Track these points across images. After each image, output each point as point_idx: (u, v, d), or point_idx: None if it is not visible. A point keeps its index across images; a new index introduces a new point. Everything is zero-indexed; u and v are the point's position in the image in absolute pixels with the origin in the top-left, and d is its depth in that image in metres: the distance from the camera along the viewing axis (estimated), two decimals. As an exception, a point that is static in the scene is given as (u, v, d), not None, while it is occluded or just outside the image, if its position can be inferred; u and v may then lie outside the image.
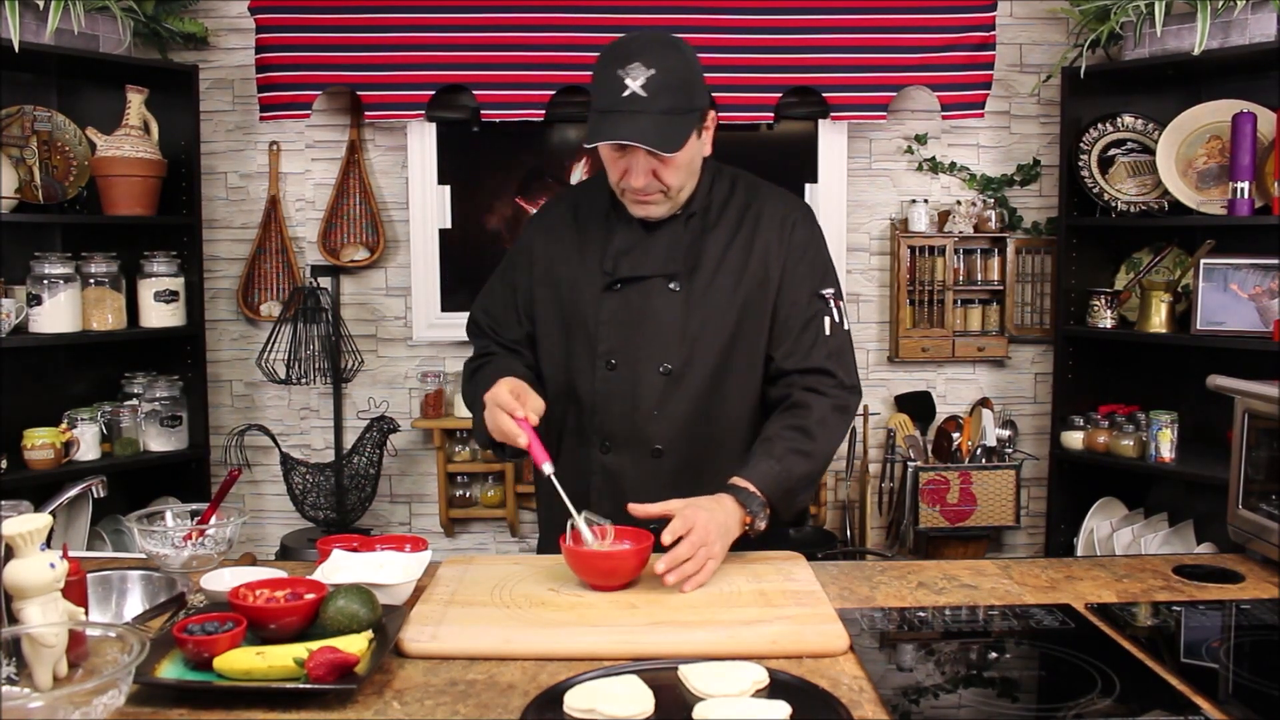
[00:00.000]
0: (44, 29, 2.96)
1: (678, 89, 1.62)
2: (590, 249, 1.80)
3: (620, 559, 1.55)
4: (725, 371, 1.77)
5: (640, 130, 1.60)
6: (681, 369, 1.75)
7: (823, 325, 1.78)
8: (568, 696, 1.18)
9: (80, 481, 1.64)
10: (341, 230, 3.66)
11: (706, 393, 1.76)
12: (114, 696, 1.08)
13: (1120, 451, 3.28)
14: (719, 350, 1.76)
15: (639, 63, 1.61)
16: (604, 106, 1.63)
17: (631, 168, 1.66)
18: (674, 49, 1.66)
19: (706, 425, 1.77)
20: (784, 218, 1.80)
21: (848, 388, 1.79)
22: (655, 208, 1.73)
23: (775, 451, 1.67)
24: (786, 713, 1.14)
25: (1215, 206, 3.12)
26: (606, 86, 1.62)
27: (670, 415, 1.75)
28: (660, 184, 1.68)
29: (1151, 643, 1.38)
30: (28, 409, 3.18)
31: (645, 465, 1.77)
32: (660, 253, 1.76)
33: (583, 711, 1.15)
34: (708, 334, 1.75)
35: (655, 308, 1.75)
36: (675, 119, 1.63)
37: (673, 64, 1.63)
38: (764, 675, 1.24)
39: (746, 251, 1.77)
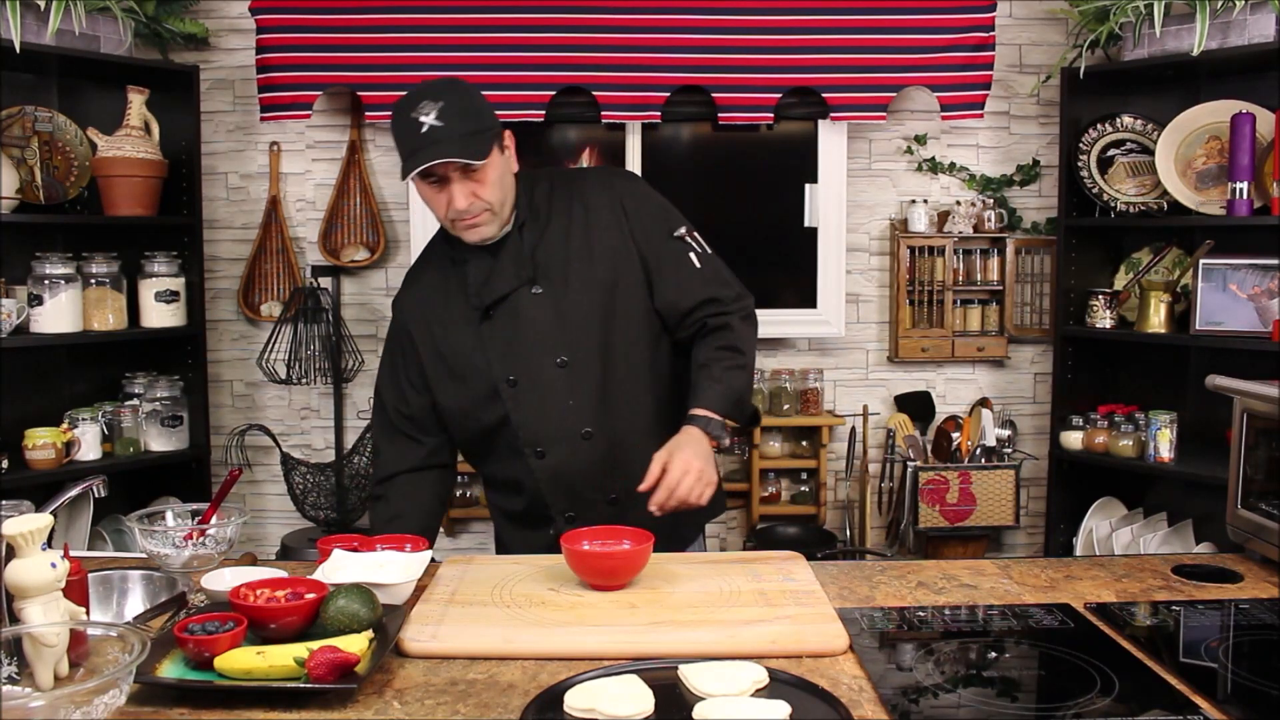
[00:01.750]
0: (45, 29, 2.96)
1: (467, 113, 1.76)
2: (453, 297, 1.91)
3: (620, 559, 1.55)
4: (612, 343, 1.87)
5: (446, 149, 1.73)
6: (573, 357, 1.86)
7: (690, 261, 1.91)
8: (568, 696, 1.18)
9: (81, 481, 1.64)
10: (342, 230, 3.66)
11: (603, 369, 1.87)
12: (115, 696, 1.08)
13: (1119, 451, 3.28)
14: (598, 329, 1.86)
15: (427, 100, 1.75)
16: (409, 147, 1.77)
17: (452, 194, 1.77)
18: (454, 86, 1.81)
19: (622, 399, 1.89)
20: (608, 194, 1.91)
21: (740, 297, 1.94)
22: (486, 228, 1.83)
23: (715, 374, 1.83)
24: (786, 712, 1.14)
25: (1214, 207, 3.12)
26: (405, 131, 1.77)
27: (581, 400, 1.86)
28: (482, 202, 1.79)
29: (1150, 642, 1.39)
30: (29, 409, 3.18)
31: (580, 450, 1.87)
32: (512, 267, 1.86)
33: (583, 711, 1.16)
34: (582, 318, 1.86)
35: (528, 315, 1.86)
36: (473, 137, 1.75)
37: (458, 95, 1.78)
38: (764, 675, 1.24)
39: (587, 236, 1.88)
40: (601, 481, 1.89)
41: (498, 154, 1.81)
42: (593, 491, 1.89)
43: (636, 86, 3.43)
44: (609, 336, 1.87)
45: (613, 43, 3.41)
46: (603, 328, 1.87)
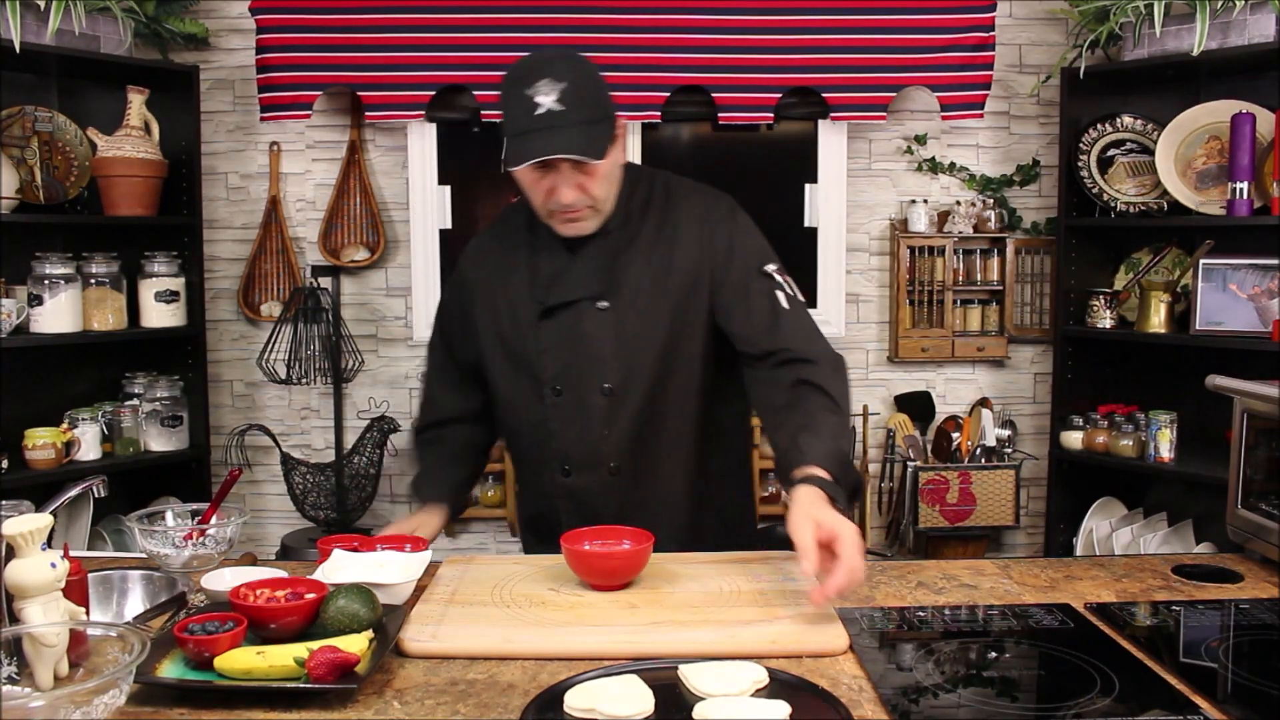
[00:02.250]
0: (45, 29, 2.96)
1: (590, 99, 1.61)
2: (519, 278, 1.81)
3: (621, 559, 1.55)
4: (664, 381, 1.77)
5: (565, 142, 1.58)
6: (621, 386, 1.76)
7: (777, 299, 1.74)
8: (568, 696, 1.18)
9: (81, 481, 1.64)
10: (342, 230, 3.66)
11: (647, 405, 1.77)
12: (115, 696, 1.08)
13: (1119, 451, 3.28)
14: (654, 362, 1.75)
15: (549, 78, 1.58)
16: (519, 129, 1.60)
17: (558, 185, 1.64)
18: (577, 62, 1.65)
19: (651, 437, 1.79)
20: (702, 224, 1.77)
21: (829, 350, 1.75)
22: (585, 223, 1.72)
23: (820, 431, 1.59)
24: (786, 712, 1.14)
25: (1214, 207, 3.12)
26: (518, 109, 1.60)
27: (618, 433, 1.77)
28: (588, 198, 1.67)
29: (1150, 642, 1.38)
30: (29, 409, 3.18)
31: (605, 483, 1.80)
32: (585, 274, 1.75)
33: (583, 711, 1.15)
34: (641, 348, 1.75)
35: (588, 330, 1.75)
36: (594, 128, 1.61)
37: (580, 76, 1.62)
38: (764, 675, 1.24)
39: (668, 260, 1.75)
40: (619, 516, 1.76)
41: (610, 147, 1.67)
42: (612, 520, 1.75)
43: (636, 86, 3.43)
44: (662, 374, 1.76)
45: (613, 43, 3.41)
46: (658, 363, 1.75)
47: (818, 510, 1.44)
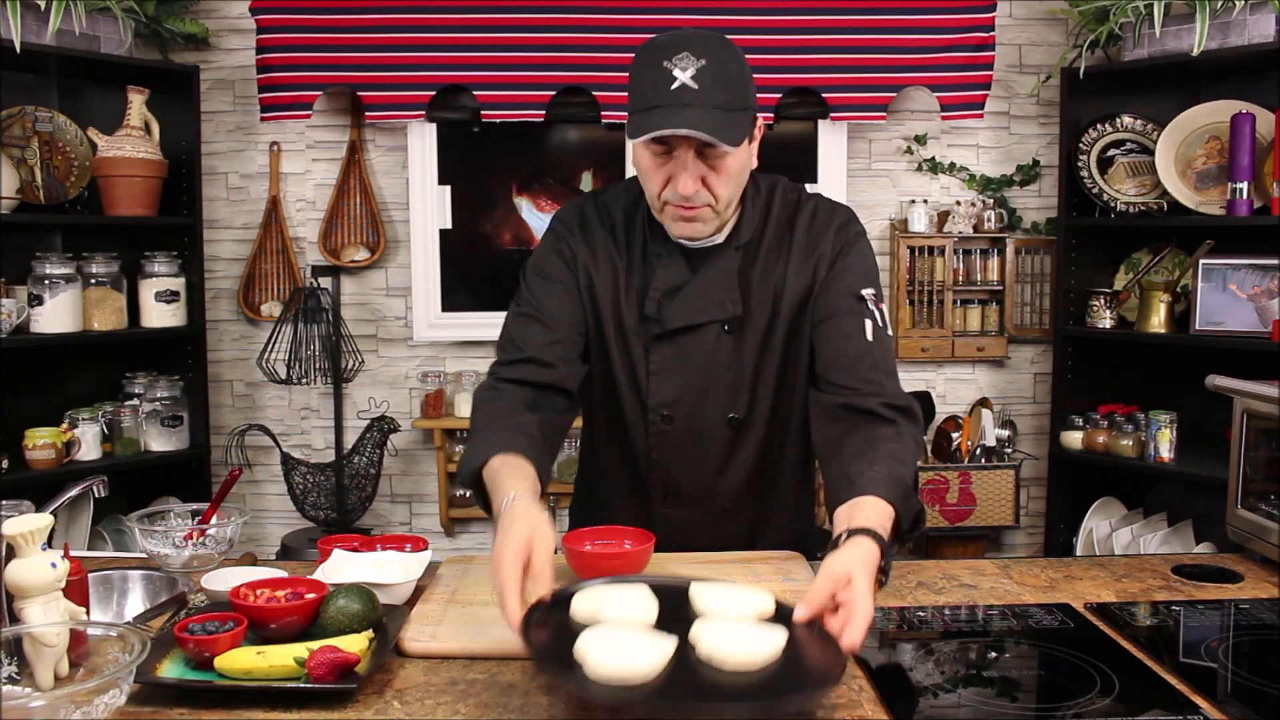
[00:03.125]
0: (45, 30, 2.96)
1: (732, 83, 1.45)
2: (633, 279, 1.61)
3: (621, 560, 1.55)
4: (781, 408, 1.65)
5: (695, 120, 1.40)
6: (746, 416, 1.63)
7: (863, 325, 1.57)
8: (575, 600, 1.21)
9: (81, 481, 1.64)
10: (342, 230, 3.67)
11: (770, 436, 1.66)
12: (115, 696, 1.08)
13: (1119, 451, 3.28)
14: (775, 389, 1.63)
15: (688, 53, 1.42)
16: (650, 102, 1.42)
17: (677, 173, 1.46)
18: (724, 44, 1.48)
19: (772, 469, 1.68)
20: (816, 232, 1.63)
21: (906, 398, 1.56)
22: (702, 225, 1.54)
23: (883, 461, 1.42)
24: (782, 639, 1.13)
25: (1214, 207, 3.12)
26: (652, 80, 1.42)
27: (739, 467, 1.66)
28: (709, 194, 1.49)
29: (1150, 642, 1.38)
30: (29, 409, 3.18)
31: (712, 518, 1.69)
32: (712, 294, 1.58)
33: (584, 615, 1.19)
34: (764, 374, 1.62)
35: (713, 355, 1.60)
36: (731, 115, 1.44)
37: (724, 56, 1.45)
38: (771, 605, 1.24)
39: (783, 276, 1.61)
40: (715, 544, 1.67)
41: (745, 142, 1.50)
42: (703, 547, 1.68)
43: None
44: (780, 400, 1.64)
45: (613, 43, 3.41)
46: (778, 390, 1.62)
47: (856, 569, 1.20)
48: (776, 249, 1.62)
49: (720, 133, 1.42)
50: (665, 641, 1.12)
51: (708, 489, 1.67)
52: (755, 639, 1.14)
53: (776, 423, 1.66)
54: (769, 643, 1.13)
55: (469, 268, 3.68)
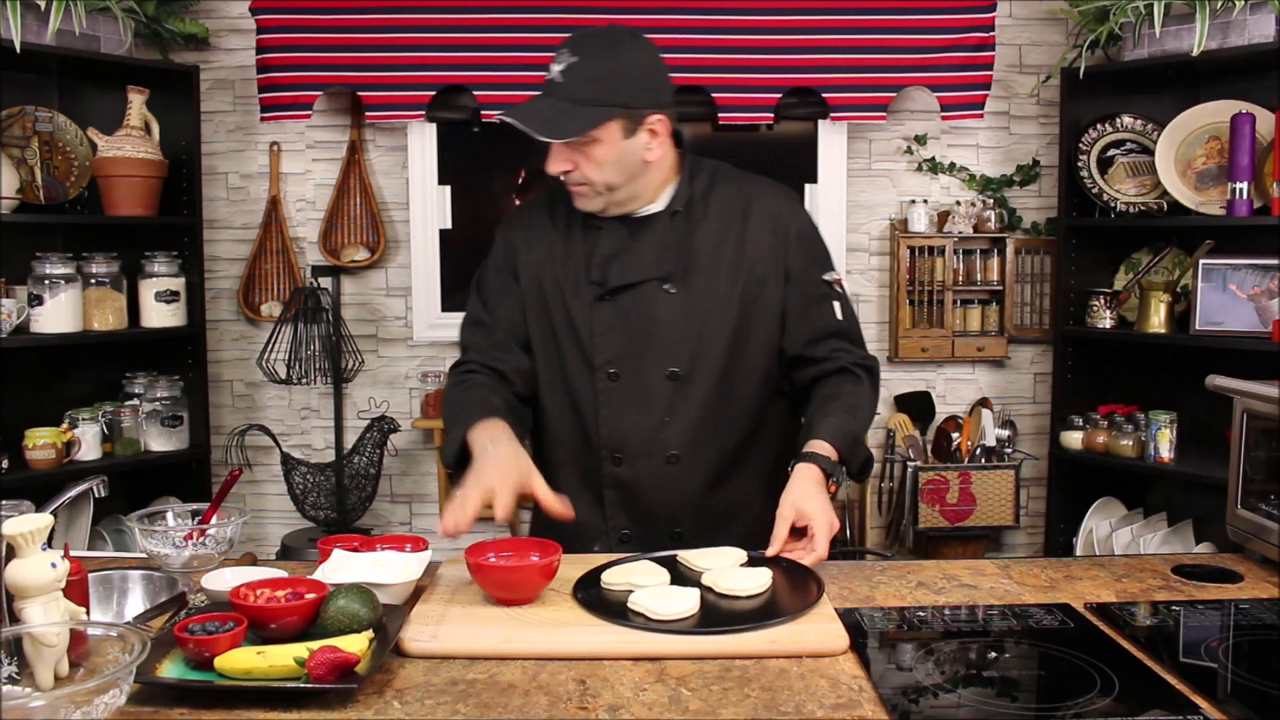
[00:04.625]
0: (45, 30, 2.96)
1: (598, 81, 1.60)
2: (574, 254, 1.76)
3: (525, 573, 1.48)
4: (733, 369, 1.74)
5: (528, 110, 1.60)
6: (689, 372, 1.72)
7: (834, 310, 1.77)
8: (604, 576, 1.53)
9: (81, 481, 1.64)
10: (342, 230, 3.67)
11: (716, 393, 1.73)
12: (115, 696, 1.08)
13: (1119, 451, 3.28)
14: (724, 348, 1.72)
15: (568, 49, 1.62)
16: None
17: (551, 154, 1.65)
18: (619, 43, 1.66)
19: (720, 425, 1.75)
20: (777, 210, 1.77)
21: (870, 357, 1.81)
22: (586, 200, 1.70)
23: (835, 409, 1.68)
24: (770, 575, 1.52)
25: (1214, 207, 3.12)
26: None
27: (682, 420, 1.72)
28: (582, 175, 1.65)
29: (1150, 642, 1.38)
30: (29, 409, 3.18)
31: (662, 473, 1.74)
32: (650, 254, 1.71)
33: (620, 586, 1.50)
34: (710, 333, 1.72)
35: (653, 312, 1.71)
36: (583, 109, 1.60)
37: (606, 55, 1.62)
38: (744, 555, 1.60)
39: (739, 245, 1.73)
40: (673, 512, 1.75)
41: (617, 135, 1.63)
42: (660, 518, 1.76)
43: (636, 86, 3.43)
44: (730, 360, 1.73)
45: (613, 43, 3.41)
46: (727, 350, 1.72)
47: (803, 498, 1.58)
48: (727, 218, 1.75)
49: (545, 124, 1.59)
50: (692, 590, 1.45)
51: (652, 443, 1.74)
52: (754, 575, 1.51)
53: (724, 378, 1.74)
54: (764, 575, 1.51)
55: (469, 268, 3.63)
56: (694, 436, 1.74)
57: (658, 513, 1.76)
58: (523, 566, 1.50)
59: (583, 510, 1.76)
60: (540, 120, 1.59)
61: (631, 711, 1.19)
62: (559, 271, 1.76)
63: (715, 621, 1.40)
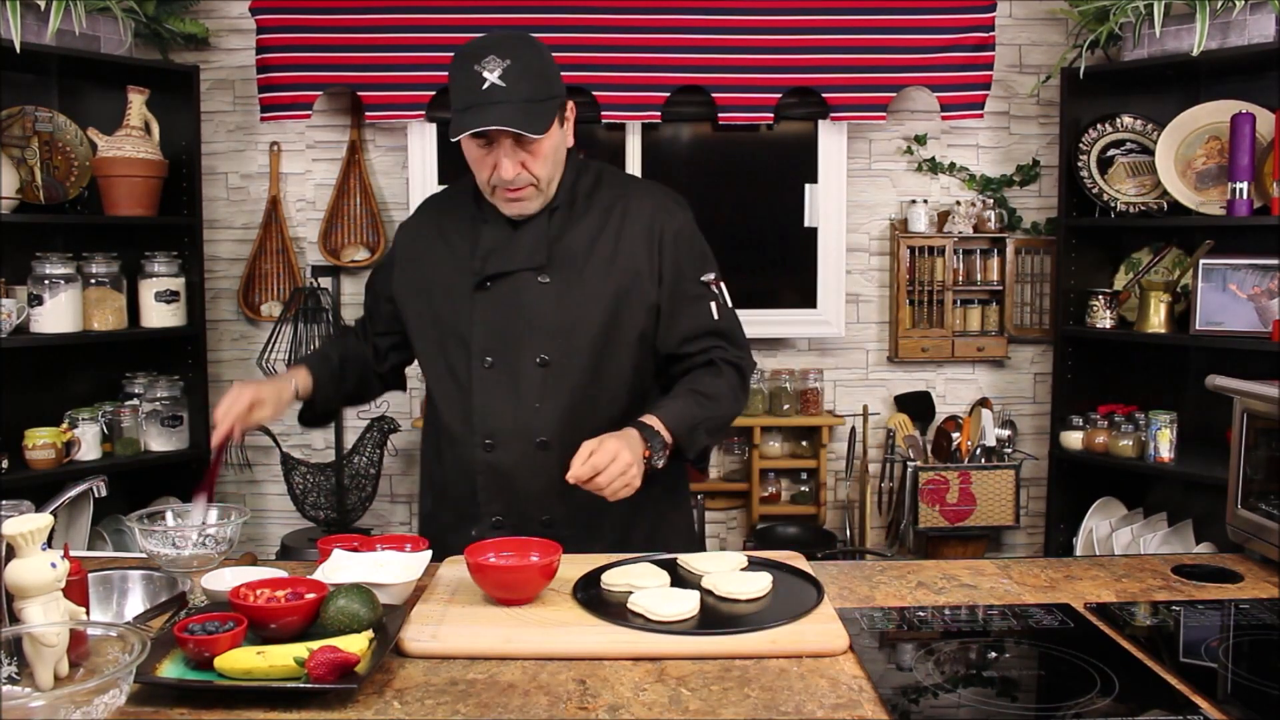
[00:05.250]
0: (45, 30, 2.96)
1: (535, 77, 1.67)
2: (458, 253, 1.83)
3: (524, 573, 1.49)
4: (603, 360, 1.79)
5: (504, 116, 1.63)
6: (559, 359, 1.77)
7: (709, 309, 1.83)
8: (604, 577, 1.55)
9: (81, 481, 1.64)
10: (342, 230, 3.67)
11: (586, 382, 1.78)
12: (115, 696, 1.08)
13: (1119, 451, 3.28)
14: (594, 339, 1.78)
15: (493, 56, 1.65)
16: (464, 102, 1.66)
17: (500, 160, 1.68)
18: (526, 43, 1.71)
19: (589, 414, 1.78)
20: (653, 211, 1.82)
21: (746, 356, 1.87)
22: (528, 203, 1.75)
23: (683, 394, 1.77)
24: (769, 579, 1.54)
25: (1214, 207, 3.12)
26: (464, 83, 1.66)
27: (552, 406, 1.77)
28: (530, 175, 1.71)
29: (1150, 642, 1.39)
30: (29, 409, 3.18)
31: (532, 459, 1.77)
32: (526, 246, 1.78)
33: (620, 587, 1.52)
34: (581, 324, 1.77)
35: (526, 301, 1.77)
36: (536, 105, 1.66)
37: (527, 55, 1.67)
38: (744, 559, 1.64)
39: (615, 243, 1.79)
40: (542, 498, 1.78)
41: (556, 126, 1.72)
42: (530, 505, 1.79)
43: (636, 86, 3.43)
44: (600, 351, 1.78)
45: (613, 43, 3.41)
46: (597, 341, 1.78)
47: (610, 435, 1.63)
48: (605, 217, 1.81)
49: (528, 124, 1.65)
50: (692, 592, 1.47)
51: (521, 429, 1.77)
52: (755, 579, 1.53)
53: (594, 368, 1.79)
54: (765, 579, 1.54)
55: (469, 268, 3.67)
56: (563, 423, 1.77)
57: (528, 499, 1.79)
58: (523, 566, 1.50)
59: (457, 497, 1.85)
60: (519, 120, 1.64)
61: (631, 711, 1.19)
62: (444, 270, 1.84)
63: (715, 623, 1.41)
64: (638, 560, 1.63)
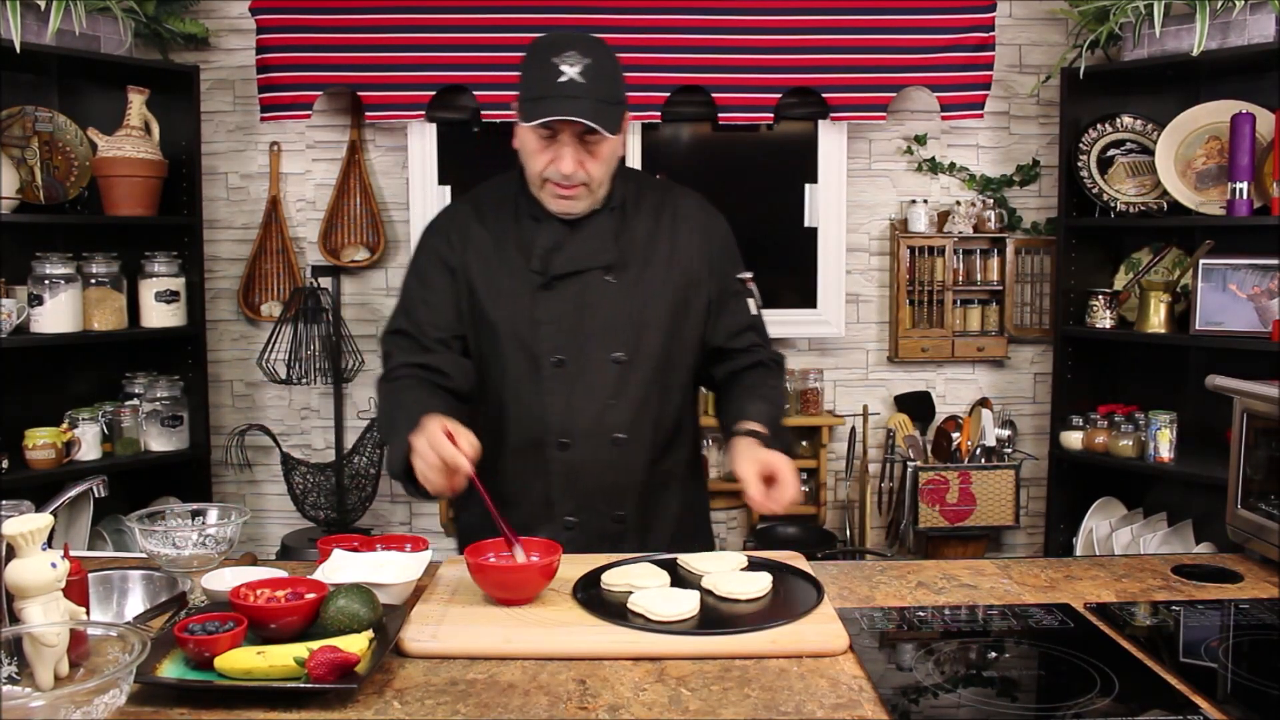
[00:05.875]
0: (45, 30, 2.96)
1: (610, 80, 1.70)
2: (506, 250, 1.80)
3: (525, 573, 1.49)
4: (670, 355, 1.83)
5: (580, 109, 1.64)
6: (632, 356, 1.79)
7: (748, 306, 1.91)
8: (604, 577, 1.55)
9: (81, 481, 1.64)
10: (342, 230, 3.67)
11: (656, 378, 1.81)
12: (115, 696, 1.08)
13: (1119, 451, 3.28)
14: (663, 335, 1.81)
15: (574, 52, 1.67)
16: (540, 92, 1.67)
17: (561, 154, 1.69)
18: (602, 46, 1.73)
19: (659, 409, 1.83)
20: (699, 212, 1.89)
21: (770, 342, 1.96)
22: (577, 202, 1.75)
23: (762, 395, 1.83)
24: (769, 579, 1.54)
25: (1214, 207, 3.12)
26: (540, 74, 1.67)
27: (626, 403, 1.79)
28: (586, 174, 1.71)
29: (1150, 642, 1.39)
30: (29, 409, 3.18)
31: (606, 455, 1.79)
32: (591, 246, 1.78)
33: (620, 587, 1.52)
34: (650, 320, 1.80)
35: (595, 300, 1.78)
36: (608, 107, 1.68)
37: (603, 57, 1.70)
38: (744, 559, 1.64)
39: (671, 242, 1.83)
40: (615, 494, 1.81)
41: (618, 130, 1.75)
42: (604, 502, 1.81)
43: (637, 86, 3.43)
44: (670, 347, 1.82)
45: (612, 43, 3.38)
46: (666, 336, 1.81)
47: (756, 451, 1.66)
48: (657, 220, 1.84)
49: (601, 121, 1.66)
50: (692, 592, 1.48)
51: (597, 426, 1.78)
52: (755, 579, 1.53)
53: (663, 363, 1.82)
54: (764, 579, 1.54)
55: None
56: (636, 419, 1.80)
57: (602, 496, 1.81)
58: (523, 567, 1.50)
59: (526, 501, 1.83)
60: (596, 117, 1.65)
61: (631, 711, 1.19)
62: (493, 268, 1.81)
63: (715, 623, 1.41)
64: (638, 560, 1.63)
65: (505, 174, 1.88)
